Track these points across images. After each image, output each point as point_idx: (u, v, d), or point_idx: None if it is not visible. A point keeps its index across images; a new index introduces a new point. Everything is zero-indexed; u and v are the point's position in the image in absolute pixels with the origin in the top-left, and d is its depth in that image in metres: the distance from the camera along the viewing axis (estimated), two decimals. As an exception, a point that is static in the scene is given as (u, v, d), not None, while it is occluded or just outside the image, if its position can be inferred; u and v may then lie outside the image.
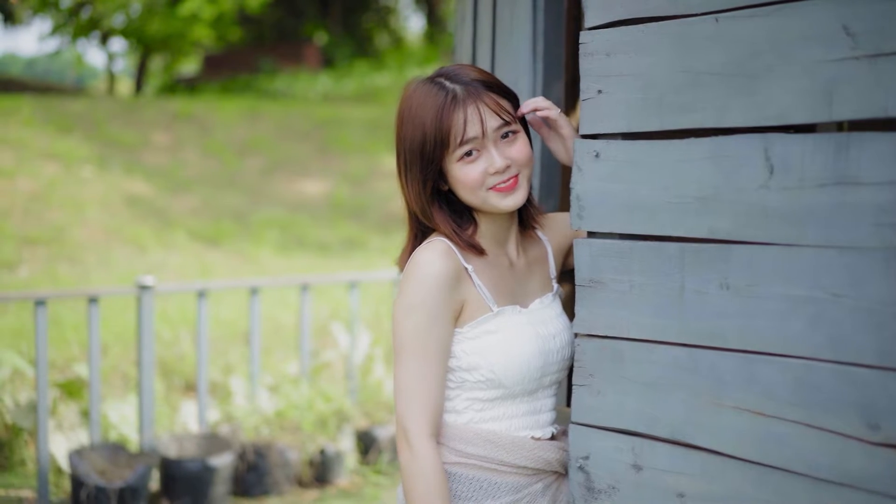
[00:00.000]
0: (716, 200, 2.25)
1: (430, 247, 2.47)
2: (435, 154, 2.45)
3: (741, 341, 2.21)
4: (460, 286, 2.45)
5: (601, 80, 2.47)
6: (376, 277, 7.47)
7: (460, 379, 2.50)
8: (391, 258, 9.82)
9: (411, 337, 2.41)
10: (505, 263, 2.59)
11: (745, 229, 2.20)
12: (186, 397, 7.44)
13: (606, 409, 2.49)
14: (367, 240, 13.89)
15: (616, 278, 2.46)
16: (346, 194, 15.38)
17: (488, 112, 2.45)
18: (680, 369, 2.33)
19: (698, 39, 2.27)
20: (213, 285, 6.55)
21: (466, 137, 2.44)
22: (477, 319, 2.47)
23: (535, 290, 2.65)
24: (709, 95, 2.25)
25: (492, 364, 2.47)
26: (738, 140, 2.20)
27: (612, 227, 2.47)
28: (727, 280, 2.23)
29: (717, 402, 2.26)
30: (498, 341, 2.47)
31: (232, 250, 13.00)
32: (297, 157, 16.53)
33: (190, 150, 16.52)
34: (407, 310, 2.42)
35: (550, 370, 2.57)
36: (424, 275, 2.41)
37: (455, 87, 2.45)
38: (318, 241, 13.75)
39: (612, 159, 2.46)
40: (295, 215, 14.56)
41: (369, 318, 8.59)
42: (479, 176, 2.46)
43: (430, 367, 2.42)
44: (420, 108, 2.46)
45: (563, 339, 2.61)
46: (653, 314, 2.38)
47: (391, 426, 6.73)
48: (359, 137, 17.27)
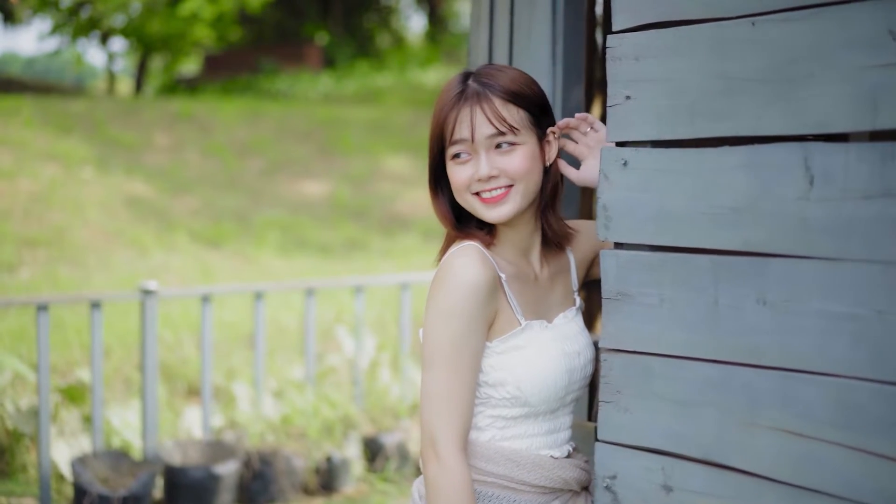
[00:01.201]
0: (752, 211, 2.16)
1: (466, 252, 2.38)
2: (436, 146, 2.44)
3: (778, 359, 2.12)
4: (495, 296, 2.38)
5: (629, 85, 2.38)
6: (382, 282, 7.38)
7: (485, 395, 2.42)
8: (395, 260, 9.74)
9: (446, 345, 2.32)
10: (530, 275, 2.52)
11: (783, 242, 2.11)
12: (189, 402, 7.36)
13: (634, 427, 2.40)
14: (369, 241, 13.81)
15: (645, 291, 2.37)
16: (347, 195, 15.30)
17: (481, 118, 2.39)
18: (713, 387, 2.24)
19: (733, 44, 2.18)
20: (218, 290, 6.47)
21: (455, 138, 2.40)
22: (507, 334, 2.40)
23: (557, 304, 2.57)
24: (744, 102, 2.16)
25: (519, 381, 2.40)
26: (776, 149, 2.12)
27: (640, 238, 2.38)
28: (764, 295, 2.14)
29: (752, 422, 2.17)
30: (526, 358, 2.40)
31: (233, 252, 12.92)
32: (299, 158, 16.45)
33: (190, 150, 16.44)
34: (442, 316, 2.33)
35: (573, 388, 2.52)
36: (461, 281, 2.32)
37: (472, 85, 2.42)
38: (320, 242, 13.66)
39: (640, 168, 2.37)
40: (296, 216, 14.48)
41: (374, 322, 8.51)
42: (465, 180, 2.41)
43: (463, 377, 2.34)
44: (439, 98, 2.46)
45: (586, 356, 2.55)
46: (684, 329, 2.29)
47: (398, 433, 6.66)
48: (360, 138, 17.20)
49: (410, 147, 17.00)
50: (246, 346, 8.33)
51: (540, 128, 2.48)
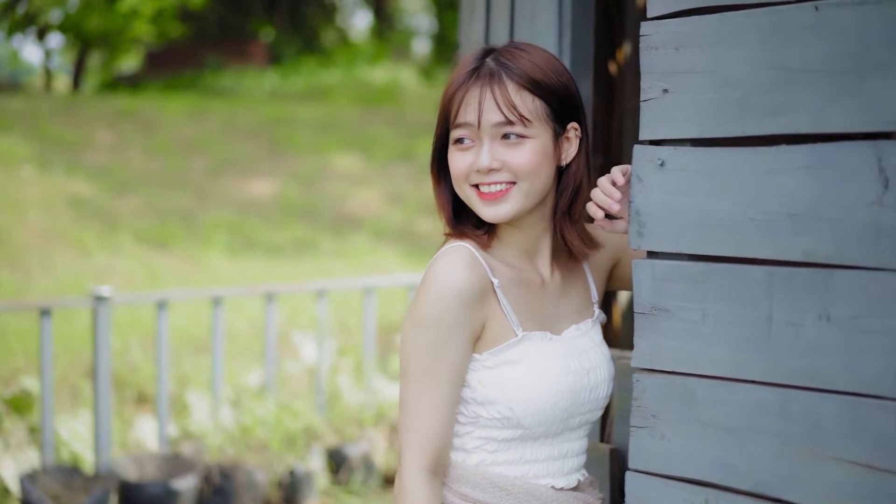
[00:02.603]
0: (814, 218, 1.94)
1: (453, 253, 2.14)
2: (442, 127, 2.20)
3: (845, 382, 1.91)
4: (484, 303, 2.13)
5: (667, 77, 2.15)
6: (346, 286, 7.12)
7: (473, 414, 2.16)
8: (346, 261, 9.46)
9: (421, 356, 2.09)
10: (536, 280, 2.24)
11: (851, 252, 1.90)
12: (140, 411, 7.06)
13: (673, 455, 2.17)
14: (319, 242, 13.52)
15: (685, 306, 2.14)
16: (296, 195, 14.98)
17: (490, 102, 2.13)
18: (767, 413, 2.02)
19: (793, 31, 1.96)
20: (174, 295, 6.18)
21: (459, 121, 2.16)
22: (499, 346, 2.14)
23: (570, 314, 2.29)
24: (805, 96, 1.94)
25: (510, 400, 2.13)
26: (844, 148, 1.90)
27: (679, 246, 2.15)
28: (827, 310, 1.93)
29: (814, 452, 1.95)
30: (520, 373, 2.13)
31: (180, 253, 12.59)
32: (245, 157, 16.09)
33: (134, 149, 16.03)
34: (419, 325, 2.10)
35: (580, 410, 2.23)
36: (443, 287, 2.09)
37: (488, 63, 2.17)
38: (269, 243, 13.36)
39: (680, 169, 2.14)
40: (244, 216, 14.16)
41: (334, 327, 8.24)
42: (464, 168, 2.16)
43: (439, 393, 2.10)
44: (452, 74, 2.22)
45: (599, 374, 2.26)
46: (733, 348, 2.07)
47: (363, 443, 6.43)
48: (308, 136, 16.87)
49: (360, 146, 16.71)
50: (196, 352, 8.04)
51: (559, 122, 2.19)
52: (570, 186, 2.25)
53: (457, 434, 2.17)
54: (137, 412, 7.02)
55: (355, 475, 6.33)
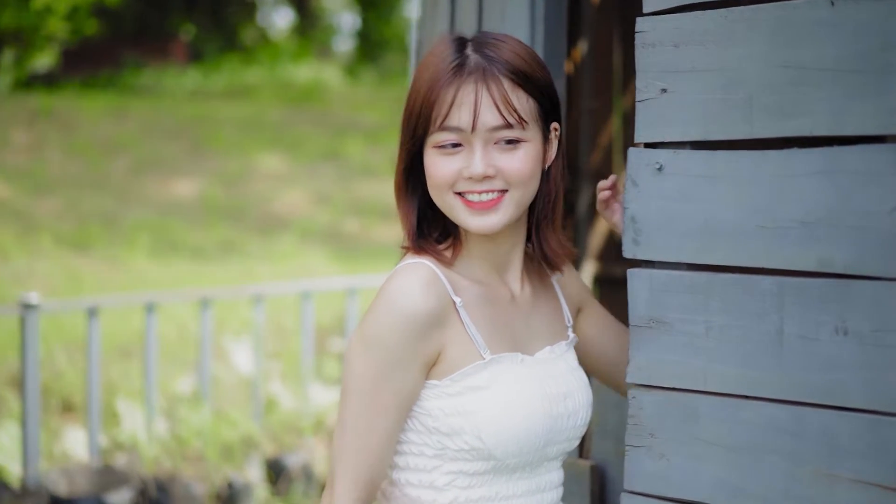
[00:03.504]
0: (829, 225, 1.83)
1: (410, 271, 1.94)
2: (418, 128, 1.95)
3: (865, 399, 1.81)
4: (442, 327, 1.93)
5: (666, 76, 2.03)
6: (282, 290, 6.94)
7: (440, 445, 1.95)
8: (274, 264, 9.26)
9: (365, 379, 1.90)
10: (504, 296, 2.04)
11: (871, 262, 1.79)
12: (66, 421, 6.81)
13: (673, 476, 2.05)
14: (245, 243, 13.29)
15: (686, 318, 2.02)
16: (220, 195, 14.73)
17: (488, 103, 1.91)
18: (779, 431, 1.91)
19: (806, 27, 1.85)
20: (105, 302, 5.96)
21: (447, 124, 1.92)
22: (462, 370, 1.93)
23: (543, 334, 2.09)
24: (820, 96, 1.84)
25: (479, 429, 1.91)
26: (862, 151, 1.80)
27: (679, 255, 2.04)
28: (844, 324, 1.82)
29: (831, 473, 1.85)
30: (489, 400, 1.92)
31: (102, 256, 12.30)
32: (168, 157, 15.80)
33: (52, 149, 15.66)
34: (366, 345, 1.91)
35: (558, 439, 2.02)
36: (395, 309, 1.89)
37: (472, 56, 1.93)
38: (193, 245, 13.10)
39: (680, 173, 2.02)
40: (167, 218, 13.89)
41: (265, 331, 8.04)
42: (450, 175, 1.93)
43: (381, 421, 1.91)
44: (425, 68, 1.97)
45: (578, 399, 2.06)
46: (740, 363, 1.95)
47: (302, 452, 6.26)
48: (232, 136, 16.60)
49: (285, 145, 16.48)
50: (123, 358, 7.80)
51: (546, 122, 2.02)
52: (553, 191, 2.07)
53: (424, 469, 1.96)
54: (63, 422, 6.78)
55: (295, 485, 6.17)
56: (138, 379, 7.17)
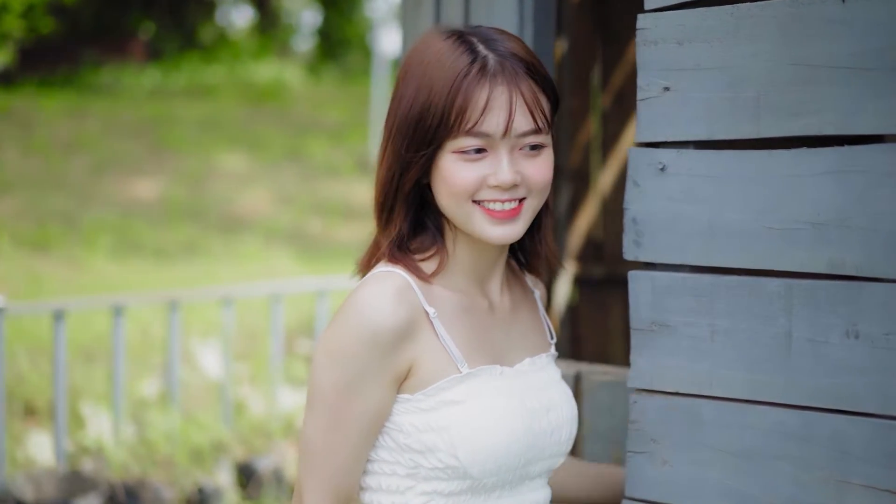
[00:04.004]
0: (840, 227, 1.80)
1: (380, 280, 1.82)
2: (433, 133, 1.79)
3: (877, 404, 1.78)
4: (414, 340, 1.81)
5: (669, 74, 1.99)
6: (252, 292, 6.86)
7: (412, 463, 1.83)
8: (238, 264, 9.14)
9: (330, 394, 1.80)
10: (482, 306, 1.92)
11: (883, 263, 1.77)
12: (29, 425, 6.70)
13: (676, 482, 2.01)
14: (208, 244, 13.16)
15: (690, 321, 1.98)
16: (182, 195, 14.58)
17: (522, 108, 1.79)
18: (787, 437, 1.88)
19: (817, 25, 1.81)
20: (73, 305, 5.86)
21: (480, 129, 1.78)
22: (436, 384, 1.82)
23: (524, 345, 1.98)
24: (831, 95, 1.80)
25: (454, 446, 1.80)
26: (875, 151, 1.76)
27: (683, 257, 2.00)
28: (856, 327, 1.79)
29: (842, 480, 1.82)
30: (465, 415, 1.81)
31: (62, 256, 12.14)
32: (128, 156, 15.61)
33: (9, 148, 15.44)
34: (331, 358, 1.80)
35: (540, 456, 1.91)
36: (362, 321, 1.78)
37: (489, 54, 1.80)
38: (155, 245, 12.96)
39: (684, 173, 1.98)
40: (128, 218, 13.73)
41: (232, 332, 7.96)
42: (474, 182, 1.80)
43: (346, 434, 1.80)
44: (434, 67, 1.80)
45: (561, 414, 1.94)
46: (746, 367, 1.92)
47: (273, 456, 6.19)
48: (193, 135, 16.44)
49: (246, 144, 16.33)
50: (86, 361, 7.68)
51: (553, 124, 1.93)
52: (551, 195, 1.98)
53: (397, 490, 1.85)
54: (26, 427, 6.66)
55: (266, 489, 6.10)
56: (102, 382, 7.06)
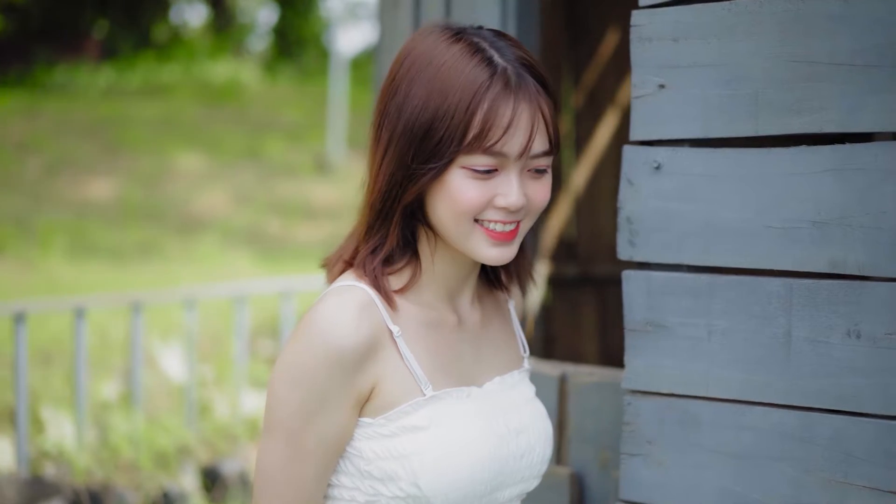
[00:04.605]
0: (842, 225, 1.78)
1: (340, 296, 1.70)
2: (446, 146, 1.66)
3: (880, 404, 1.76)
4: (376, 360, 1.70)
5: (664, 71, 1.97)
6: (216, 294, 6.78)
7: (373, 491, 1.72)
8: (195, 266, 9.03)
9: (287, 418, 1.68)
10: (450, 322, 1.81)
11: (886, 262, 1.75)
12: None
13: (672, 484, 1.99)
14: (164, 245, 13.03)
15: (687, 322, 1.96)
16: (138, 196, 14.43)
17: (542, 129, 1.69)
18: (787, 438, 1.86)
19: (818, 21, 1.79)
20: (32, 307, 5.76)
21: (501, 149, 1.66)
22: (399, 408, 1.70)
23: (494, 363, 1.87)
24: (832, 92, 1.78)
25: (415, 475, 1.68)
26: (878, 149, 1.75)
27: (679, 257, 1.97)
28: (857, 326, 1.77)
29: (843, 481, 1.80)
30: (428, 442, 1.69)
31: (15, 258, 11.97)
32: (82, 156, 15.44)
33: (-39, 148, 15.25)
34: (287, 379, 1.68)
35: (510, 481, 1.80)
36: (320, 340, 1.66)
37: (507, 66, 1.67)
38: (111, 246, 12.81)
39: (680, 172, 1.96)
40: (83, 219, 13.57)
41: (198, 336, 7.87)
42: (482, 202, 1.69)
43: (305, 460, 1.69)
44: (448, 72, 1.67)
45: (533, 435, 1.83)
46: (744, 368, 1.89)
47: (238, 459, 6.12)
48: (148, 135, 16.28)
49: (203, 144, 16.20)
50: (44, 364, 7.56)
51: None
52: None
53: None
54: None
55: (231, 493, 6.02)
56: (61, 385, 6.96)
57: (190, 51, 21.03)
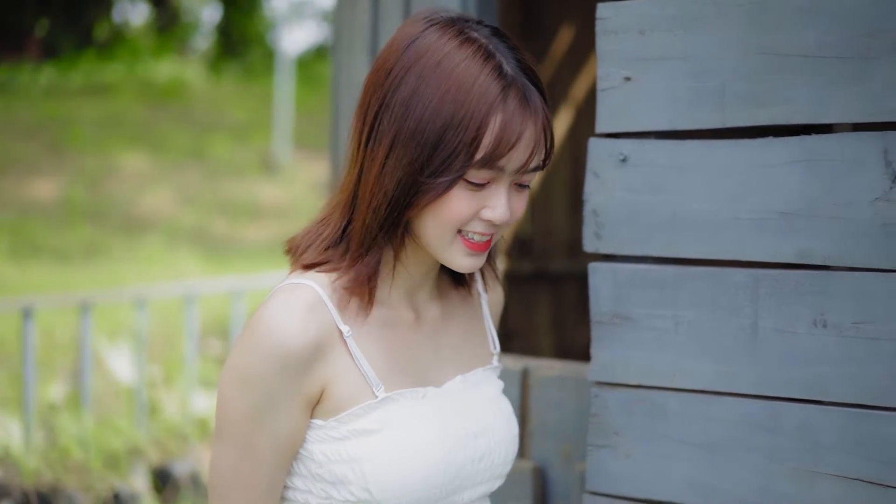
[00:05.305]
0: (809, 216, 1.79)
1: (289, 294, 1.65)
2: (454, 156, 1.60)
3: (848, 393, 1.78)
4: (325, 361, 1.65)
5: (631, 64, 1.97)
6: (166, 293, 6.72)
7: (325, 494, 1.68)
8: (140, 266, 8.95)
9: (236, 420, 1.64)
10: (407, 319, 1.76)
11: (853, 253, 1.76)
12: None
13: (640, 475, 1.99)
14: (109, 245, 12.92)
15: (653, 313, 1.96)
16: (81, 196, 14.29)
17: (542, 147, 1.65)
18: (754, 428, 1.87)
19: (784, 13, 1.81)
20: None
21: (503, 164, 1.62)
22: (350, 410, 1.66)
23: (455, 361, 1.81)
24: (799, 83, 1.80)
25: (365, 479, 1.64)
26: (844, 139, 1.76)
27: (645, 248, 1.98)
28: (823, 316, 1.79)
29: (811, 469, 1.81)
30: (379, 446, 1.65)
31: (-43, 259, 11.80)
32: (24, 156, 15.26)
33: None
34: (235, 381, 1.64)
35: (468, 484, 1.75)
36: (268, 341, 1.61)
37: (516, 78, 1.63)
38: (55, 247, 12.69)
39: (646, 164, 1.96)
40: (26, 219, 13.43)
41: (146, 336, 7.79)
42: (470, 214, 1.65)
43: (257, 462, 1.65)
44: (461, 79, 1.60)
45: (494, 437, 1.78)
46: (712, 359, 1.90)
47: (189, 460, 6.07)
48: (92, 134, 16.12)
49: (147, 144, 16.07)
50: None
51: None
52: None
53: None
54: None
55: (183, 494, 5.97)
56: (7, 387, 6.87)
57: (133, 50, 20.83)
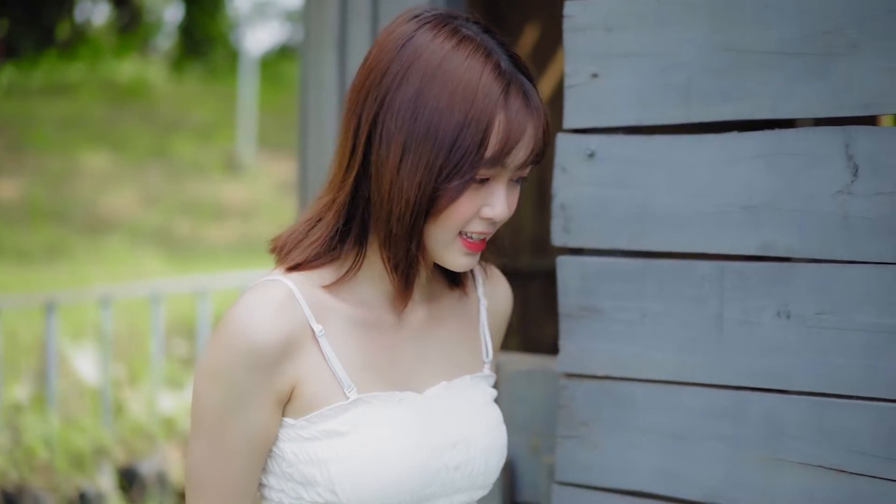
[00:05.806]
0: (772, 209, 1.83)
1: (262, 292, 1.64)
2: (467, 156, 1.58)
3: (811, 382, 1.82)
4: (295, 359, 1.63)
5: (597, 61, 2.00)
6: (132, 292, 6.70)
7: (295, 494, 1.67)
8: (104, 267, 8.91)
9: (209, 417, 1.64)
10: (388, 321, 1.72)
11: (816, 245, 1.80)
12: None
13: (608, 465, 2.02)
14: (71, 246, 12.82)
15: (621, 305, 2.00)
16: (43, 196, 14.18)
17: (539, 144, 1.65)
18: (719, 417, 1.90)
19: (748, 11, 1.85)
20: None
21: (506, 161, 1.62)
22: (320, 410, 1.64)
23: (440, 367, 1.77)
24: (762, 79, 1.84)
25: (332, 482, 1.62)
26: (807, 134, 1.80)
27: (612, 242, 2.01)
28: (787, 307, 1.83)
29: (775, 457, 1.85)
30: (346, 448, 1.63)
31: (-82, 260, 11.69)
32: (-15, 156, 15.16)
33: None
34: (206, 377, 1.64)
35: (445, 492, 1.71)
36: (238, 338, 1.60)
37: (514, 74, 1.63)
38: (16, 247, 12.58)
39: (613, 159, 2.00)
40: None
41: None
42: (472, 213, 1.63)
43: (229, 459, 1.64)
44: (467, 78, 1.58)
45: (474, 447, 1.73)
46: (678, 350, 1.94)
47: (156, 459, 6.05)
48: (53, 134, 16.01)
49: (110, 144, 15.96)
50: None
51: None
52: None
53: None
54: None
55: (149, 493, 5.96)
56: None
57: (95, 49, 20.69)
